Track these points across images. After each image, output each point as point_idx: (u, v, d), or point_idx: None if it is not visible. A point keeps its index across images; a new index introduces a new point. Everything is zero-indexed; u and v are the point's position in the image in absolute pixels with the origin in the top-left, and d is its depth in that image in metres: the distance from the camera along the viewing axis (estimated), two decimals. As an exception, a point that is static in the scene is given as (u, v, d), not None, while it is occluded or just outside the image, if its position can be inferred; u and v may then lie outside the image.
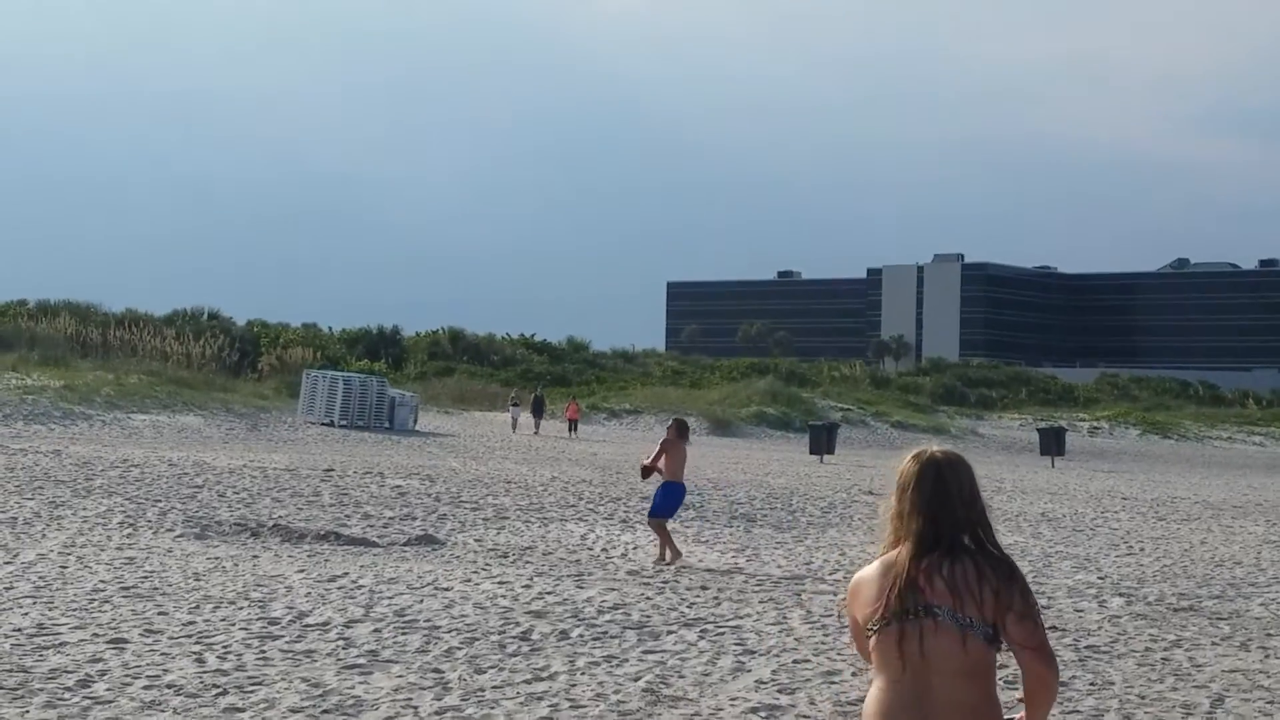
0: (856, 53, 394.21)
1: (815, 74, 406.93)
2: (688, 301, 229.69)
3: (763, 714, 9.71)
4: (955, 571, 4.23)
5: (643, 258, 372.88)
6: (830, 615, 13.84)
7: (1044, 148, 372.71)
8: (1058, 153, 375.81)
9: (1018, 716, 4.42)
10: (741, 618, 13.49)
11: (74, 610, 12.42)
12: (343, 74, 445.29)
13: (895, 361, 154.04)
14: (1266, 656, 12.68)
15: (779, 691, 10.39)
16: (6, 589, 13.34)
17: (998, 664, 4.37)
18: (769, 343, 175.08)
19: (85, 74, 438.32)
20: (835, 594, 15.45)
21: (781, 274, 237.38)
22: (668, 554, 17.61)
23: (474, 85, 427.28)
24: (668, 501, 17.93)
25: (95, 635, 11.38)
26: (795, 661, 11.49)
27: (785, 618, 13.60)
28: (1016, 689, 4.38)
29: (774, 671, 11.06)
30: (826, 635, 12.71)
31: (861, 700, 10.07)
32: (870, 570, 4.38)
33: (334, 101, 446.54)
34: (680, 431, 18.51)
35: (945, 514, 4.31)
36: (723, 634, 12.57)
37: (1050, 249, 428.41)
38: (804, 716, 9.69)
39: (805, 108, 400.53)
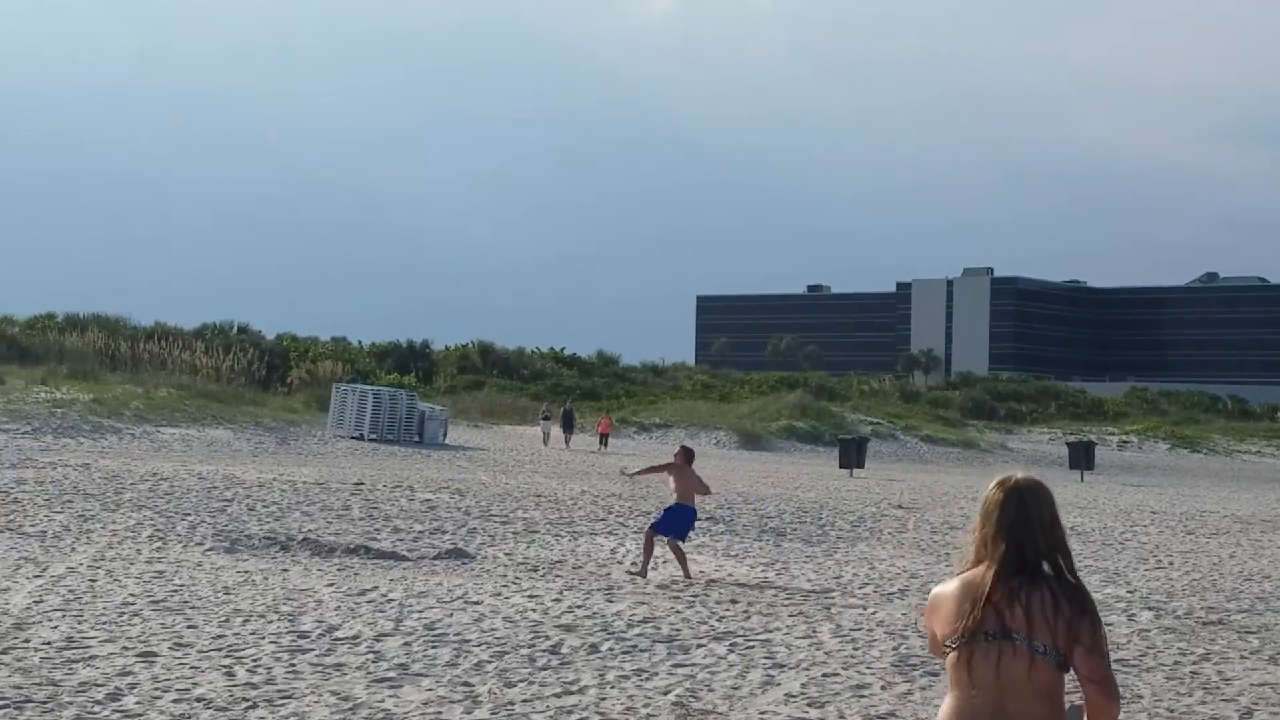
0: (882, 63, 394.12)
1: (841, 85, 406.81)
2: (717, 315, 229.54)
3: (792, 728, 9.67)
4: (1033, 599, 4.41)
5: (672, 272, 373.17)
6: (859, 629, 13.79)
7: (1072, 160, 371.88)
8: (1086, 166, 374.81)
9: None
10: (771, 631, 13.45)
11: (103, 624, 12.46)
12: (370, 82, 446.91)
13: (925, 375, 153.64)
14: (1300, 671, 12.59)
15: (808, 705, 10.35)
16: (36, 602, 13.39)
17: (1065, 685, 4.51)
18: (799, 356, 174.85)
19: (113, 79, 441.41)
20: (865, 607, 15.41)
21: (811, 288, 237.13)
22: (645, 569, 17.58)
23: (506, 97, 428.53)
24: (670, 520, 17.87)
25: (125, 648, 11.41)
26: (825, 675, 11.45)
27: (815, 631, 13.55)
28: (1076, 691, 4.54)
29: (803, 685, 11.03)
30: (856, 649, 12.67)
31: (890, 715, 10.07)
32: (949, 587, 4.55)
33: (361, 113, 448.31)
34: (688, 458, 18.66)
35: (1027, 539, 4.49)
36: (752, 647, 12.54)
37: (1079, 263, 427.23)
38: (834, 731, 9.65)
39: (834, 118, 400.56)
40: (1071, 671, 4.44)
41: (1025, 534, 4.50)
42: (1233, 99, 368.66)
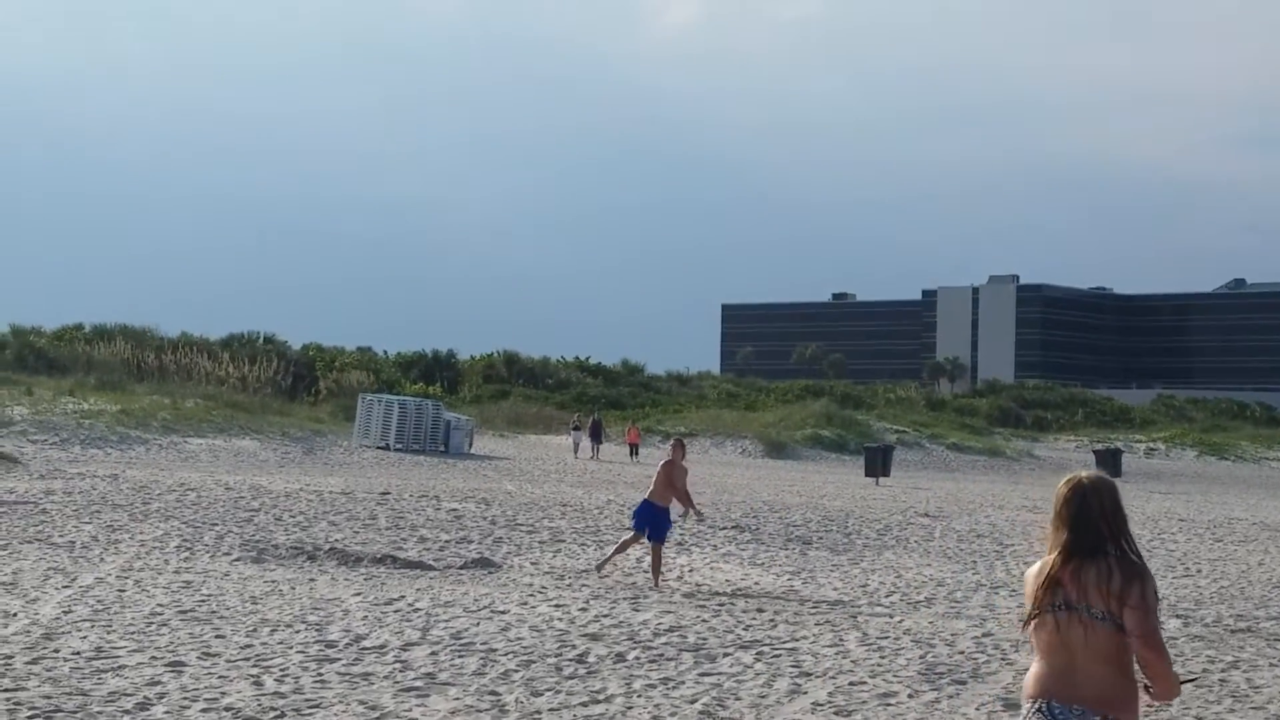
0: (905, 71, 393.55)
1: (864, 92, 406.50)
2: (743, 324, 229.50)
3: (820, 737, 9.65)
4: (1091, 573, 5.24)
5: (696, 281, 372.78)
6: (886, 637, 13.77)
7: (1097, 167, 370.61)
8: (1111, 172, 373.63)
9: (1149, 690, 5.26)
10: (798, 640, 13.43)
11: (132, 633, 12.51)
12: (397, 96, 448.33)
13: (951, 383, 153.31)
14: (1331, 679, 12.52)
15: (835, 714, 10.34)
16: (65, 613, 13.45)
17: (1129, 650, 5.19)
18: (824, 365, 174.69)
19: (140, 92, 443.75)
20: (891, 616, 15.38)
21: (836, 296, 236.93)
22: (604, 565, 17.53)
23: (530, 112, 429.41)
24: (647, 518, 17.65)
25: (153, 658, 11.46)
26: (851, 684, 11.43)
27: (841, 640, 13.53)
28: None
29: (830, 694, 11.01)
30: (883, 657, 12.64)
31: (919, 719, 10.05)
32: (1032, 569, 5.42)
33: (389, 127, 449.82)
34: (679, 450, 18.53)
35: (1088, 527, 5.30)
36: (779, 656, 12.53)
37: (1105, 270, 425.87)
38: (861, 739, 9.63)
39: (858, 126, 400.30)
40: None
41: (1087, 522, 5.30)
42: (1257, 104, 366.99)
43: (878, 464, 47.60)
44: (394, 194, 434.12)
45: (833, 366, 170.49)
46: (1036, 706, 5.25)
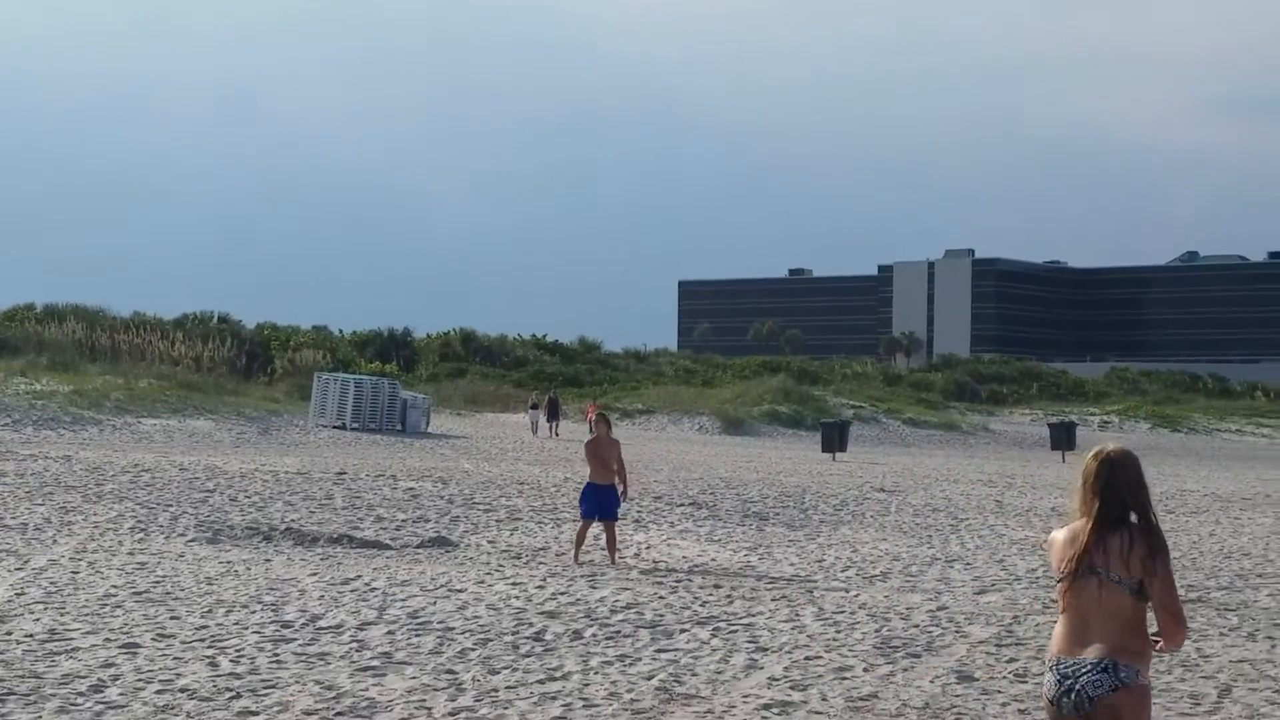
0: (864, 41, 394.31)
1: (824, 62, 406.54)
2: (700, 300, 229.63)
3: (775, 710, 9.71)
4: (1114, 540, 5.72)
5: (653, 256, 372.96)
6: (842, 612, 13.83)
7: (1051, 140, 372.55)
8: (1065, 145, 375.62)
9: (1157, 642, 5.79)
10: (754, 615, 13.48)
11: (86, 615, 12.44)
12: (350, 63, 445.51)
13: (907, 358, 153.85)
14: (1274, 647, 12.68)
15: (791, 688, 10.39)
16: (18, 595, 13.36)
17: (1142, 611, 5.74)
18: (781, 341, 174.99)
19: (96, 65, 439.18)
20: (847, 590, 15.45)
21: (793, 271, 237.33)
22: (578, 555, 17.45)
23: (485, 79, 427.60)
24: (594, 501, 17.53)
25: (107, 640, 11.40)
26: (807, 658, 11.48)
27: (798, 615, 13.59)
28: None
29: (786, 668, 11.06)
30: (839, 632, 12.71)
31: (873, 696, 10.13)
32: (1060, 534, 5.90)
33: (340, 95, 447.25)
34: (605, 424, 18.19)
35: (1114, 498, 5.76)
36: (735, 632, 12.57)
37: (1059, 243, 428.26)
38: (816, 713, 9.69)
39: (815, 96, 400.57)
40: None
41: (1113, 493, 5.76)
42: (1213, 74, 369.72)
43: (834, 440, 47.70)
44: (348, 165, 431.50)
45: (790, 342, 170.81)
46: (1051, 665, 5.81)
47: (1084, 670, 5.68)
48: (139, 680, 10.07)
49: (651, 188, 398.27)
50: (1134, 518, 5.78)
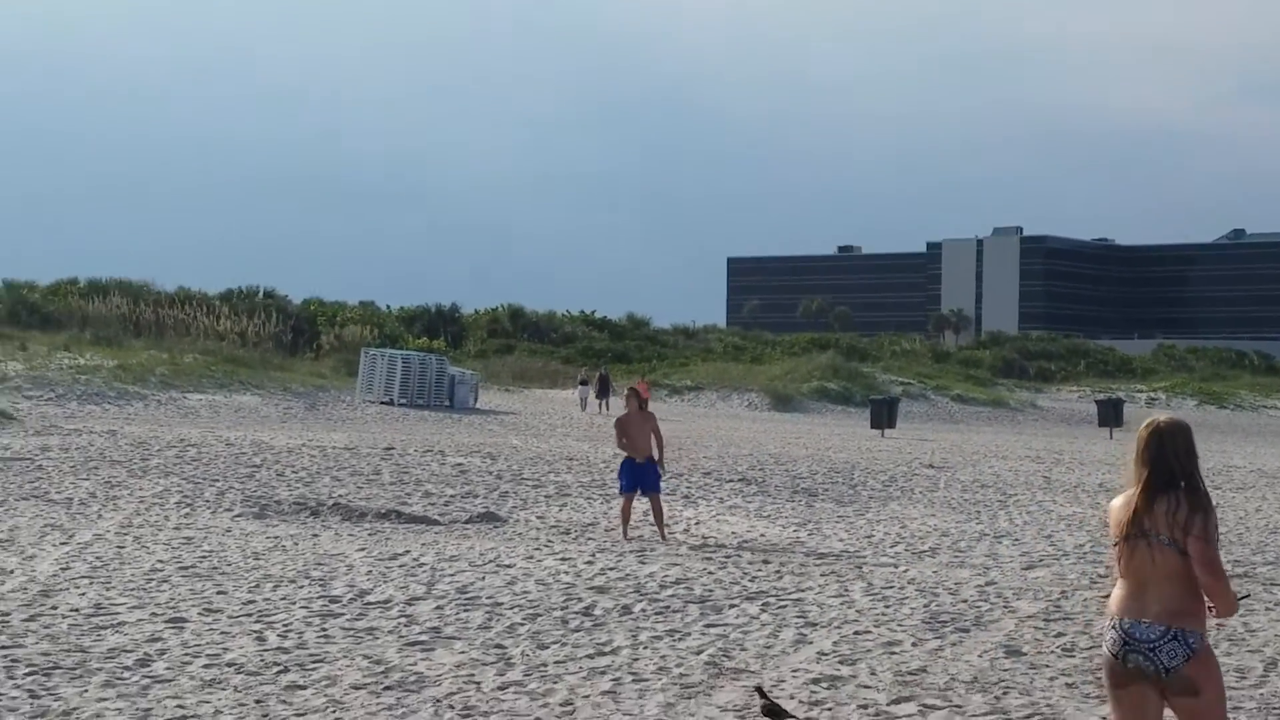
0: (912, 22, 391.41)
1: (871, 44, 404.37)
2: (748, 277, 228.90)
3: (824, 684, 9.58)
4: (1163, 504, 5.98)
5: (702, 234, 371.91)
6: (891, 587, 13.68)
7: (1101, 119, 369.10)
8: (1114, 124, 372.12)
9: (1212, 610, 6.00)
10: (803, 591, 13.35)
11: (132, 590, 12.43)
12: (402, 44, 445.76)
13: (955, 335, 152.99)
14: (1338, 625, 12.44)
15: (840, 662, 10.26)
16: (63, 569, 13.37)
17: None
18: (829, 318, 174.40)
19: (137, 37, 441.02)
20: (896, 566, 15.30)
21: (842, 248, 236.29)
22: (625, 532, 17.37)
23: (537, 61, 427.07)
24: (634, 475, 17.45)
25: (154, 615, 11.38)
26: (856, 633, 11.35)
27: (847, 590, 13.45)
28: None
29: (835, 643, 10.94)
30: (888, 607, 12.56)
31: (922, 670, 9.99)
32: (1117, 500, 6.21)
33: (391, 76, 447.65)
34: (639, 401, 18.07)
35: (1164, 466, 6.03)
36: (785, 607, 12.45)
37: (1108, 222, 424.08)
38: (865, 687, 9.56)
39: (865, 79, 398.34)
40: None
41: (1162, 461, 6.03)
42: (1261, 55, 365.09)
43: (883, 416, 47.48)
44: (399, 147, 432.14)
45: (838, 319, 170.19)
46: (1112, 624, 6.09)
47: (1154, 638, 5.95)
48: (186, 654, 10.04)
49: (699, 172, 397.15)
50: (1183, 484, 6.03)
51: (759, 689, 8.70)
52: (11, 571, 13.15)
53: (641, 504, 17.84)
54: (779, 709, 8.45)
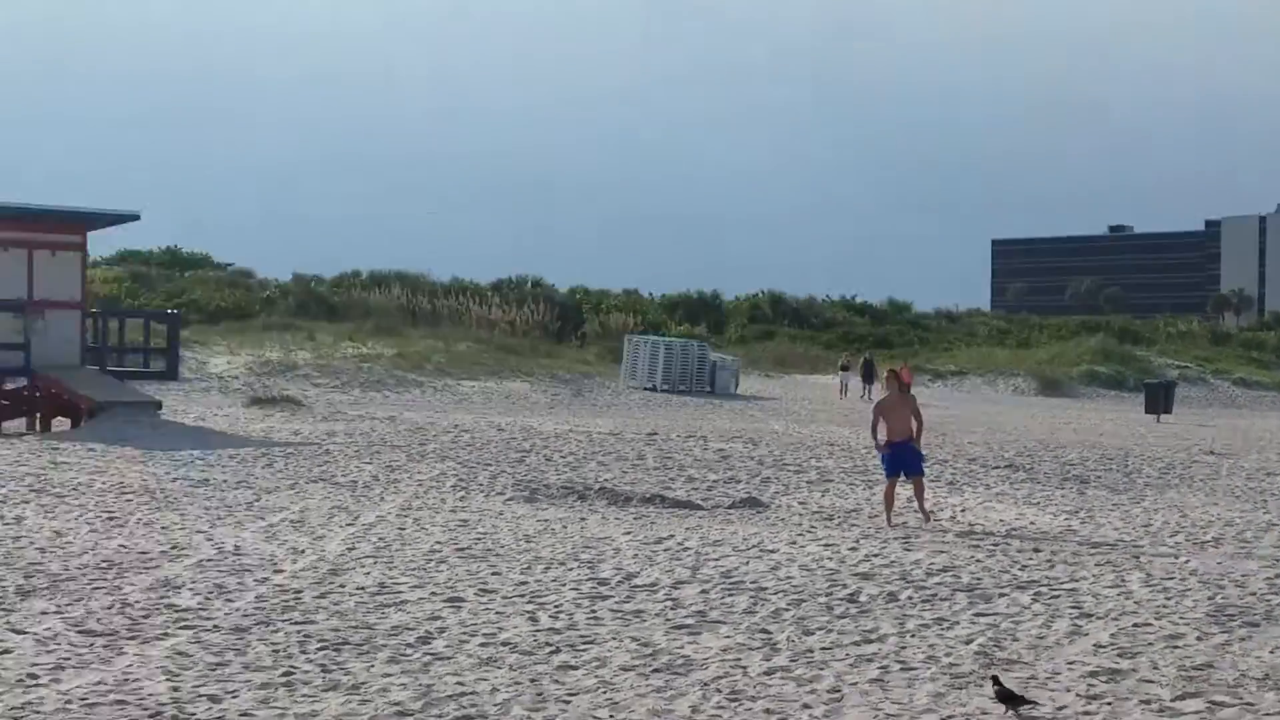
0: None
1: (1156, 14, 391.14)
2: (1014, 259, 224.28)
3: (1103, 678, 9.33)
4: None
5: (966, 216, 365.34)
6: (1171, 578, 13.25)
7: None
8: None
9: None
10: (1077, 581, 13.03)
11: (413, 570, 12.85)
12: (638, 32, 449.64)
13: (1236, 317, 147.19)
14: None
15: (1119, 655, 9.99)
16: (350, 549, 13.91)
17: None
18: (1100, 299, 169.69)
19: (421, 46, 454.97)
20: (1176, 556, 14.82)
21: (1113, 228, 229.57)
22: (890, 518, 17.25)
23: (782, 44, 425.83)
24: (898, 459, 17.38)
25: (433, 594, 11.75)
26: (1135, 625, 11.03)
27: (1124, 581, 13.07)
28: None
29: (1113, 635, 10.64)
30: (1169, 599, 12.17)
31: (1208, 666, 9.66)
32: None
33: (649, 68, 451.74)
34: (900, 386, 17.92)
35: None
36: (1058, 597, 12.17)
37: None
38: (1147, 681, 9.27)
39: (1145, 51, 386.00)
40: None
41: None
42: None
43: (1159, 401, 46.03)
44: (659, 140, 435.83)
45: (1109, 301, 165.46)
46: None
47: None
48: (463, 633, 10.34)
49: (961, 150, 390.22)
50: None
51: (994, 678, 8.68)
52: (303, 551, 13.74)
53: (905, 490, 17.67)
54: (1016, 695, 8.47)
